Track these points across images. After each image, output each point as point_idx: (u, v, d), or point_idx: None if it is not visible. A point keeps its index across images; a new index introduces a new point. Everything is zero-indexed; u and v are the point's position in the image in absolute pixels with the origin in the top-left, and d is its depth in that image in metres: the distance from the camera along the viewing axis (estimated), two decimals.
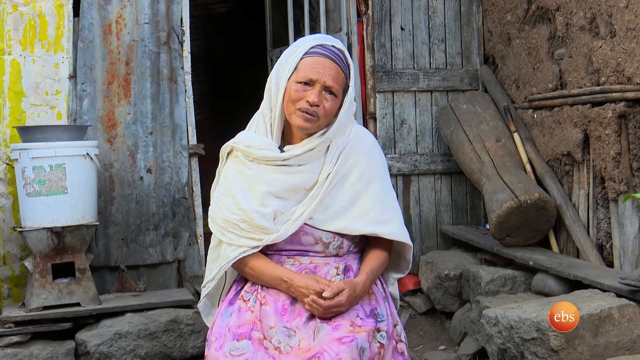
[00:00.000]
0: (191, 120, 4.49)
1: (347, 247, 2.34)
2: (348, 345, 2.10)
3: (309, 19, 5.13)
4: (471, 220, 4.92)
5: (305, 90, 2.26)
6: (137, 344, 3.77)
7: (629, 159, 3.65)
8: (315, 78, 2.25)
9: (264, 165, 2.33)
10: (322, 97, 2.25)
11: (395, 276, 2.50)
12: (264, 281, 2.30)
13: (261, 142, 2.35)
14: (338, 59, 2.29)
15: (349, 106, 2.32)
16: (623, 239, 3.70)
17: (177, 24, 4.46)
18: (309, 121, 2.27)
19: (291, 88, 2.28)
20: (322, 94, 2.25)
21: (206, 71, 7.47)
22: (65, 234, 3.79)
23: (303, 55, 2.28)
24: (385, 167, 2.43)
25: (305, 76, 2.26)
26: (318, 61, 2.26)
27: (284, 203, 2.30)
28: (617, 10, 3.69)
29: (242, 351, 2.16)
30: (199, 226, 4.51)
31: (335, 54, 2.29)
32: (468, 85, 4.91)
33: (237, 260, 2.32)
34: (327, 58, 2.27)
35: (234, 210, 2.30)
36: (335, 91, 2.27)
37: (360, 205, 2.31)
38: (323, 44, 2.29)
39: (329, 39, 2.34)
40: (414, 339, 4.25)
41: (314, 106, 2.25)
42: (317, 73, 2.25)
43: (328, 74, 2.25)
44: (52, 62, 4.22)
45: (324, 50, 2.28)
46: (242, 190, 2.31)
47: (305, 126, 2.28)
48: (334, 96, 2.28)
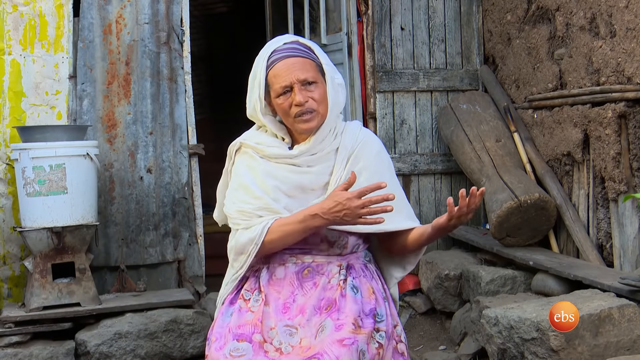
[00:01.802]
0: (191, 120, 4.49)
1: (350, 246, 2.34)
2: (348, 348, 2.10)
3: (309, 19, 5.13)
4: (471, 220, 4.91)
5: (288, 98, 2.27)
6: (137, 344, 3.77)
7: (629, 159, 3.65)
8: (287, 82, 2.26)
9: (273, 163, 2.33)
10: (305, 92, 2.26)
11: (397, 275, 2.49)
12: (295, 236, 2.24)
13: (271, 140, 2.35)
14: (296, 51, 2.29)
15: (332, 82, 2.31)
16: (623, 239, 3.70)
17: (177, 24, 4.46)
18: (310, 120, 2.28)
19: (277, 104, 2.29)
20: (303, 90, 2.26)
21: (206, 71, 7.47)
22: (65, 234, 3.79)
23: (266, 71, 2.29)
24: (392, 167, 2.44)
25: (280, 87, 2.27)
26: (280, 67, 2.27)
27: (292, 202, 2.30)
28: (617, 10, 3.69)
29: (242, 352, 2.16)
30: (199, 226, 4.51)
31: (291, 49, 2.29)
32: (468, 85, 4.91)
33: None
34: (286, 58, 2.27)
35: (248, 199, 2.29)
36: (313, 78, 2.27)
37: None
38: (275, 49, 2.30)
39: (277, 40, 2.34)
40: (414, 339, 4.25)
41: (305, 104, 2.25)
42: (286, 77, 2.25)
43: (295, 70, 2.25)
44: (52, 62, 4.22)
45: (279, 55, 2.29)
46: (254, 183, 2.31)
47: (310, 127, 2.28)
48: (315, 83, 2.28)
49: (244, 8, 7.56)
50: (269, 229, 2.23)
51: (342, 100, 2.36)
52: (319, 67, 2.31)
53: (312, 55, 2.31)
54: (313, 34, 5.16)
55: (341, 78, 2.37)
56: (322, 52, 2.36)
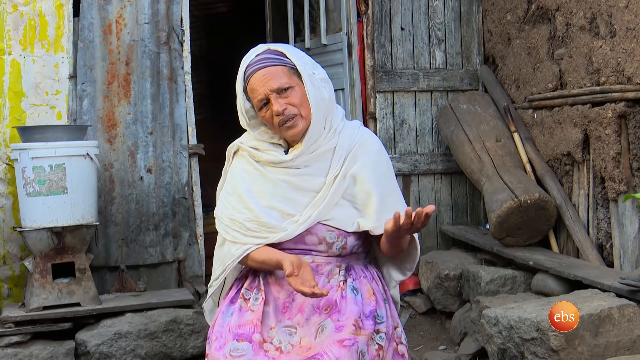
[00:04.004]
0: (191, 120, 4.49)
1: (350, 248, 2.34)
2: (349, 349, 2.10)
3: (309, 19, 5.13)
4: (471, 220, 4.92)
5: (268, 110, 2.27)
6: (137, 344, 3.77)
7: (629, 159, 3.65)
8: (262, 95, 2.26)
9: (270, 167, 2.33)
10: (282, 100, 2.25)
11: (397, 278, 2.49)
12: (267, 269, 2.32)
13: (267, 145, 2.35)
14: (267, 61, 2.28)
15: (311, 80, 2.29)
16: (623, 239, 3.70)
17: (177, 24, 4.46)
18: (294, 126, 2.27)
19: (262, 117, 2.31)
20: (279, 98, 2.25)
21: (206, 71, 7.47)
22: (65, 234, 3.79)
23: (245, 87, 2.31)
24: (392, 169, 2.43)
25: (257, 100, 2.28)
26: (254, 81, 2.27)
27: (291, 204, 2.30)
28: (617, 10, 3.69)
29: (242, 352, 2.16)
30: (199, 226, 4.51)
31: (262, 60, 2.28)
32: (468, 85, 4.92)
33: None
34: (256, 71, 2.27)
35: (240, 209, 2.31)
36: (287, 84, 2.26)
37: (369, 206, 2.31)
38: (248, 64, 2.30)
39: (250, 54, 2.32)
40: (414, 339, 4.25)
41: (284, 111, 2.25)
42: (260, 91, 2.26)
43: (267, 81, 2.25)
44: (52, 62, 4.22)
45: (252, 68, 2.29)
46: (249, 190, 2.32)
47: (294, 132, 2.28)
48: (291, 88, 2.27)
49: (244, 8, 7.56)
50: (249, 255, 2.30)
51: (327, 94, 2.32)
52: (293, 69, 2.29)
53: (284, 60, 2.29)
54: (313, 34, 5.16)
55: (323, 72, 2.34)
56: (297, 52, 2.33)
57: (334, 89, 2.38)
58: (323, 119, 2.32)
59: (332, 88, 2.37)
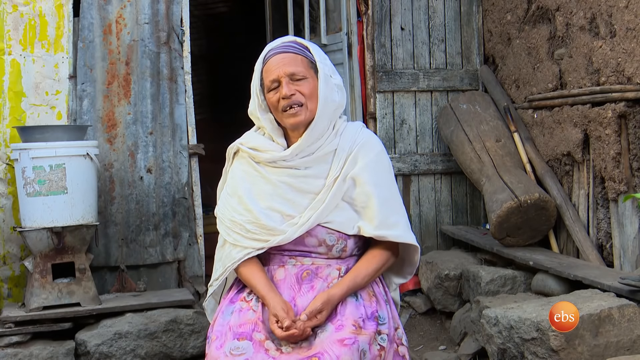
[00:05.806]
0: (191, 120, 4.49)
1: (350, 250, 2.34)
2: (349, 347, 2.10)
3: (309, 19, 5.13)
4: (471, 220, 4.92)
5: (277, 93, 2.29)
6: (137, 344, 3.77)
7: (629, 159, 3.65)
8: (275, 76, 2.28)
9: (270, 168, 2.33)
10: (292, 86, 2.27)
11: (397, 281, 2.50)
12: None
13: (267, 145, 2.35)
14: (290, 48, 2.31)
15: (326, 80, 2.31)
16: (623, 239, 3.70)
17: (177, 24, 4.46)
18: (297, 114, 2.28)
19: (269, 100, 2.32)
20: (290, 83, 2.27)
21: (206, 71, 7.47)
22: (65, 234, 3.79)
23: (262, 68, 2.33)
24: (392, 172, 2.43)
25: (269, 81, 2.30)
26: (271, 62, 2.30)
27: (291, 206, 2.30)
28: (617, 10, 3.69)
29: (242, 351, 2.16)
30: (199, 226, 4.51)
31: (285, 47, 2.32)
32: (468, 85, 4.92)
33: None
34: (277, 55, 2.30)
35: (240, 211, 2.31)
36: (302, 74, 2.28)
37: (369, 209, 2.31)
38: (272, 47, 2.33)
39: (277, 41, 2.37)
40: (414, 339, 4.25)
41: (292, 96, 2.25)
42: (274, 72, 2.28)
43: (283, 65, 2.28)
44: (52, 62, 4.22)
45: (273, 52, 2.32)
46: (249, 191, 2.32)
47: (295, 121, 2.28)
48: (305, 79, 2.28)
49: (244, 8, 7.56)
50: (240, 271, 2.32)
51: (338, 99, 2.34)
52: (312, 64, 2.31)
53: (306, 52, 2.32)
54: (313, 34, 5.16)
55: (340, 80, 2.37)
56: (321, 52, 2.36)
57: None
58: (328, 120, 2.32)
59: (345, 98, 2.39)
